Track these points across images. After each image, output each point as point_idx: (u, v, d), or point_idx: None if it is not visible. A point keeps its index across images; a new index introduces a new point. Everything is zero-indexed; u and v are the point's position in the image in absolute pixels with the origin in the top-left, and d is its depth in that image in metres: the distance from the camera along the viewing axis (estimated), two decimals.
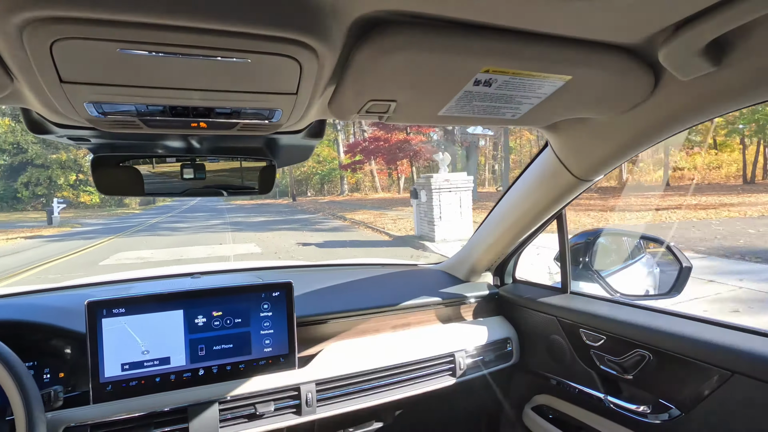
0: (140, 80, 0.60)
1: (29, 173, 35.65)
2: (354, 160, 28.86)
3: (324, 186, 42.52)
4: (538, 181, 1.33)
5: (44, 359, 1.17)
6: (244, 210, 26.20)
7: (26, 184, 35.96)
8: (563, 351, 1.49)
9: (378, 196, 32.89)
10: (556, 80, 0.74)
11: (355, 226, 14.73)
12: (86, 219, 24.86)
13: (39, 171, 35.75)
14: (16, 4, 0.43)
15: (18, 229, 18.20)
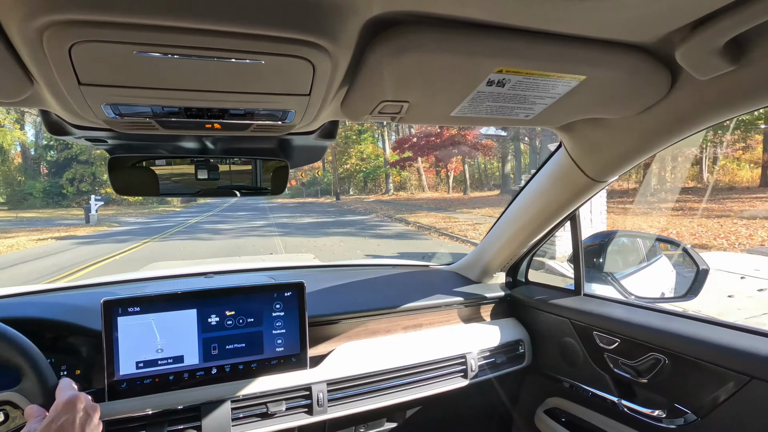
0: (156, 82, 0.61)
1: (74, 169, 34.94)
2: (402, 157, 27.65)
3: (367, 184, 40.31)
4: (551, 182, 1.32)
5: (61, 356, 1.19)
6: (287, 209, 24.71)
7: (71, 180, 35.02)
8: (576, 354, 1.47)
9: (425, 195, 30.70)
10: (571, 80, 0.73)
11: (424, 232, 12.51)
12: (125, 217, 23.91)
13: (83, 167, 34.90)
14: (36, 8, 0.44)
15: (54, 228, 17.41)
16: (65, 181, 34.78)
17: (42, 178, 35.93)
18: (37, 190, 34.19)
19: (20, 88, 0.62)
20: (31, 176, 35.40)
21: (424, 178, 34.87)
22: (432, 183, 36.10)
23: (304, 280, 1.30)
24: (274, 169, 1.13)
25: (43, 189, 34.57)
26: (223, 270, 1.69)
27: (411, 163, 29.77)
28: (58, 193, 35.00)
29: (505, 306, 1.75)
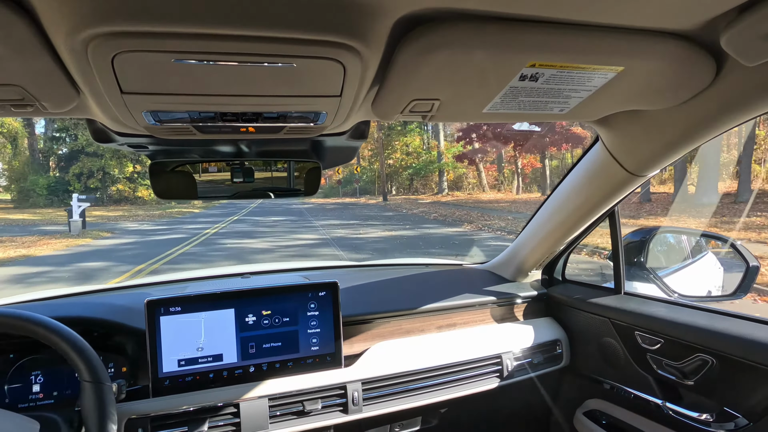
0: (192, 88, 0.63)
1: (81, 163, 29.63)
2: (473, 149, 23.80)
3: (413, 182, 35.91)
4: (588, 177, 1.28)
5: (109, 354, 1.24)
6: (329, 213, 20.60)
7: (78, 175, 29.67)
8: (617, 354, 1.43)
9: (488, 195, 26.46)
10: (607, 72, 0.71)
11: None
12: (128, 222, 18.35)
13: (91, 161, 29.61)
14: (82, 21, 0.46)
15: (23, 238, 12.61)
16: (72, 177, 29.62)
17: (52, 173, 31.33)
18: (40, 187, 28.99)
19: (68, 98, 0.65)
20: (36, 171, 30.43)
21: (483, 176, 30.40)
22: (491, 181, 31.72)
23: (337, 279, 1.32)
24: (307, 170, 1.14)
25: (47, 185, 29.38)
26: (259, 270, 1.73)
27: (483, 156, 25.93)
28: (64, 190, 29.02)
29: (541, 305, 1.72)
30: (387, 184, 34.03)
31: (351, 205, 26.14)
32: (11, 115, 0.69)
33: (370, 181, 38.74)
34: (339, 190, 38.47)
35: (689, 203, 13.21)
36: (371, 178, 38.55)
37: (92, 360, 0.95)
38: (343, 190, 38.48)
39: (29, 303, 1.41)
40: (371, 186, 38.51)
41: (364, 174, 38.40)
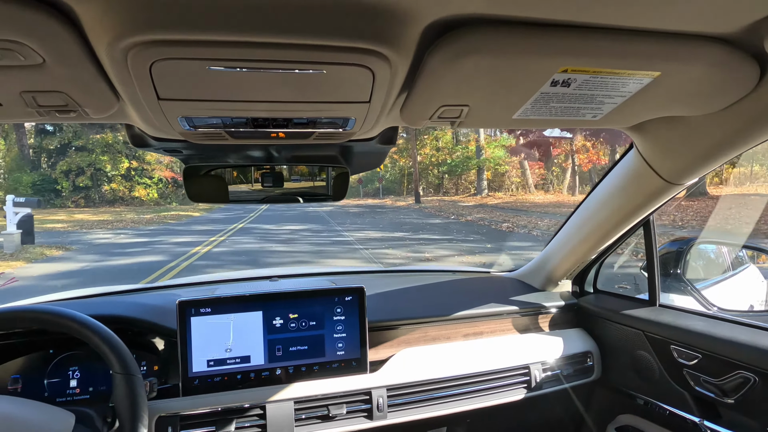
0: (225, 94, 0.65)
1: (69, 159, 25.87)
2: (527, 142, 20.87)
3: (442, 182, 31.73)
4: (622, 185, 1.24)
5: (142, 352, 1.28)
6: (359, 219, 16.67)
7: (66, 173, 25.87)
8: (651, 368, 1.38)
9: (538, 197, 22.33)
10: (643, 77, 0.69)
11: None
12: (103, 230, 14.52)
13: (81, 156, 25.87)
14: (123, 31, 0.48)
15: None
16: (59, 174, 25.86)
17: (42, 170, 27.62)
18: (24, 185, 25.02)
19: (108, 104, 0.68)
20: (21, 168, 26.92)
21: (529, 175, 26.00)
22: (537, 181, 27.19)
23: (364, 284, 1.32)
24: (336, 175, 1.16)
25: (32, 184, 25.56)
26: (286, 274, 1.75)
27: (545, 150, 21.82)
28: (51, 190, 26.00)
29: (572, 316, 1.68)
30: (412, 184, 30.43)
31: (379, 208, 22.18)
32: (56, 120, 0.72)
33: (394, 181, 35.63)
34: (359, 190, 34.88)
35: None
36: (395, 177, 35.41)
37: (123, 353, 0.99)
38: (363, 190, 35.33)
39: (69, 301, 1.46)
40: (396, 186, 35.35)
41: (387, 172, 35.00)
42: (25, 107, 0.64)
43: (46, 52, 0.50)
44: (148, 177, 29.28)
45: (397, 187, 35.20)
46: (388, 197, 31.94)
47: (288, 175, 1.15)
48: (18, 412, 0.90)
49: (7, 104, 0.63)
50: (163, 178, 30.10)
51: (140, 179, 28.82)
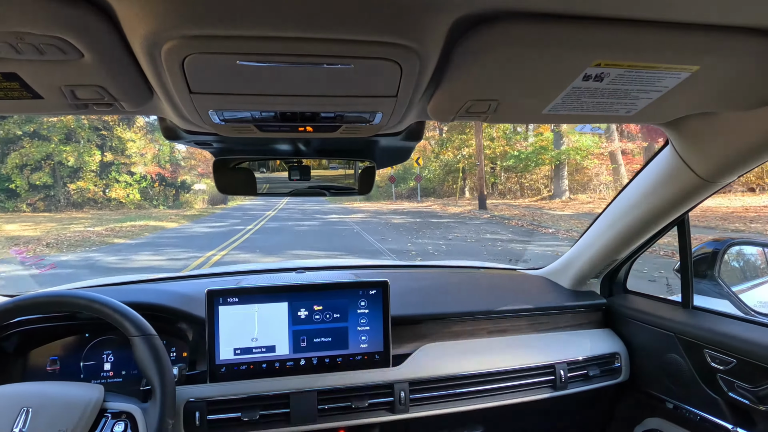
0: (255, 88, 0.65)
1: (23, 150, 20.14)
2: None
3: (499, 180, 25.24)
4: (656, 183, 1.21)
5: (172, 338, 1.32)
6: (412, 234, 11.10)
7: (21, 167, 20.36)
8: (682, 372, 1.34)
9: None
10: (680, 72, 0.66)
11: None
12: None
13: (36, 146, 20.11)
14: (158, 26, 0.50)
15: None
16: (12, 169, 20.16)
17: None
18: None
19: (143, 98, 0.70)
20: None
21: (624, 172, 18.71)
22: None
23: (388, 279, 1.32)
24: (362, 169, 1.16)
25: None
26: (311, 266, 1.77)
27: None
28: (5, 189, 20.75)
29: (600, 315, 1.64)
30: (461, 181, 25.93)
31: (429, 217, 15.58)
32: (94, 113, 0.75)
33: (433, 179, 28.51)
34: (391, 191, 28.18)
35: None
36: (437, 174, 28.33)
37: (135, 318, 1.03)
38: (395, 191, 28.46)
39: (104, 287, 1.52)
40: (437, 186, 28.44)
41: (425, 169, 27.92)
42: (65, 100, 0.66)
43: (85, 48, 0.52)
44: (128, 173, 23.99)
45: (438, 187, 28.53)
46: (428, 199, 25.89)
47: (314, 168, 1.16)
48: (52, 389, 0.97)
49: (48, 97, 0.65)
50: (147, 175, 25.25)
51: (118, 176, 22.70)
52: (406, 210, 19.84)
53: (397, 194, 28.67)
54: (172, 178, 28.24)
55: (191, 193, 30.81)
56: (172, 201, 26.45)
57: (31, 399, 0.91)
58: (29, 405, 0.90)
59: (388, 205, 23.80)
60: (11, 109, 0.72)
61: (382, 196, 29.13)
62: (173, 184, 28.24)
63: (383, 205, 23.48)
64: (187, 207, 25.84)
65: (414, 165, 25.24)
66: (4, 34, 0.48)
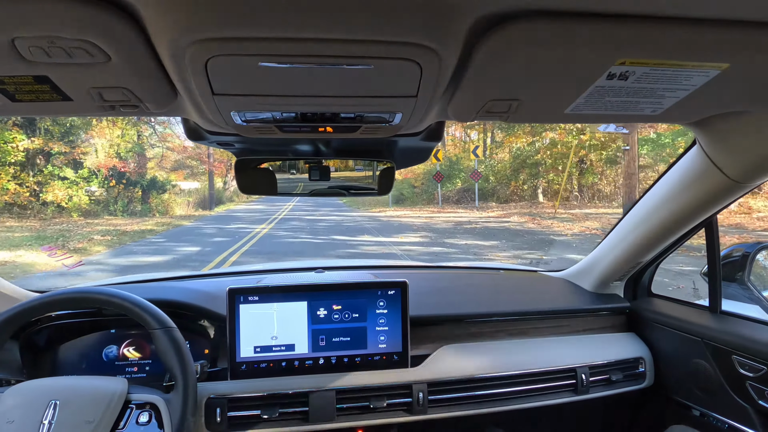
0: (276, 89, 0.66)
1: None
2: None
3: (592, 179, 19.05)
4: (683, 184, 1.17)
5: (193, 336, 1.35)
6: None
7: None
8: (709, 379, 1.30)
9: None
10: (709, 69, 0.64)
11: None
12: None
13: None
14: (183, 29, 0.51)
15: None
16: None
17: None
18: None
19: (167, 99, 0.72)
20: None
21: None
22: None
23: (407, 279, 1.32)
24: (381, 170, 1.16)
25: None
26: (331, 266, 1.78)
27: None
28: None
29: (623, 319, 1.61)
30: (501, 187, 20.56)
31: (535, 237, 10.74)
32: (120, 114, 0.77)
33: (497, 176, 21.79)
34: (435, 191, 21.83)
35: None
36: (498, 170, 22.10)
37: (154, 311, 1.06)
38: (441, 192, 21.60)
39: (129, 284, 1.56)
40: (498, 186, 21.56)
41: (483, 164, 21.51)
42: (93, 102, 0.68)
43: (112, 51, 0.53)
44: (73, 168, 17.01)
45: (500, 188, 21.33)
46: (489, 204, 19.49)
47: (334, 169, 1.17)
48: (78, 383, 1.00)
49: (77, 99, 0.67)
50: (100, 169, 17.97)
51: (61, 172, 16.47)
52: (471, 221, 13.82)
53: (444, 197, 21.85)
54: (136, 174, 20.21)
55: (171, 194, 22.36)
56: (140, 204, 19.31)
57: (59, 392, 0.94)
58: (57, 398, 0.93)
59: (437, 213, 17.24)
60: (42, 111, 0.74)
61: (421, 199, 22.90)
62: (137, 182, 19.83)
63: (431, 214, 17.06)
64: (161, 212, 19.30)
65: (472, 156, 20.51)
66: (37, 38, 0.50)
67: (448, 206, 20.35)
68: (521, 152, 20.92)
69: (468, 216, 16.00)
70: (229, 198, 29.72)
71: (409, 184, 24.89)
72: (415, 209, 19.89)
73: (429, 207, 20.65)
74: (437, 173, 20.47)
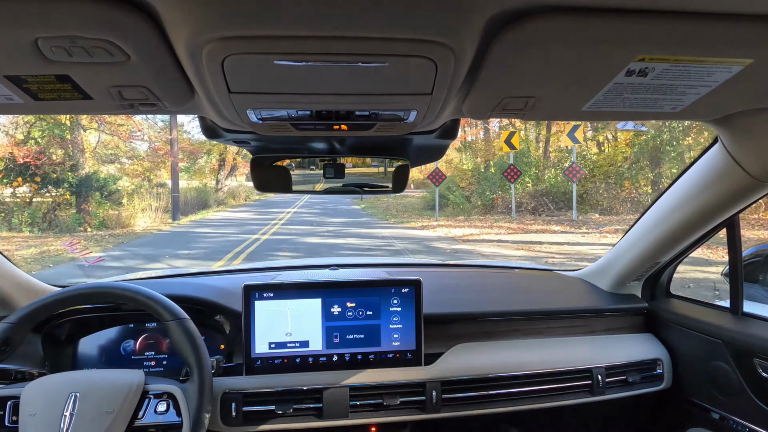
0: (291, 88, 0.67)
1: None
2: None
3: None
4: (704, 182, 1.15)
5: (209, 331, 1.37)
6: None
7: None
8: (730, 381, 1.27)
9: None
10: (732, 65, 0.63)
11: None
12: None
13: None
14: (200, 28, 0.51)
15: None
16: None
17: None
18: None
19: (185, 97, 0.73)
20: None
21: None
22: None
23: (421, 277, 1.32)
24: (396, 168, 1.16)
25: None
26: (345, 264, 1.79)
27: None
28: None
29: (640, 320, 1.58)
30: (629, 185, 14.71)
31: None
32: (139, 113, 0.78)
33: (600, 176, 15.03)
34: (495, 194, 15.65)
35: None
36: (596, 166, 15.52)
37: (167, 303, 1.07)
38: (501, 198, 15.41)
39: (147, 280, 1.59)
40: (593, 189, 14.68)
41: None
42: (113, 101, 0.69)
43: (131, 50, 0.54)
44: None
45: (603, 194, 14.67)
46: (590, 217, 13.36)
47: (349, 166, 1.17)
48: (97, 375, 1.03)
49: (97, 98, 0.69)
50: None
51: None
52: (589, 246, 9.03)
53: (504, 205, 15.19)
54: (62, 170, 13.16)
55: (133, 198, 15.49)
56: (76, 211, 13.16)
57: (78, 385, 0.97)
58: (76, 390, 0.95)
59: (515, 231, 11.61)
60: (64, 109, 0.76)
61: (473, 206, 16.20)
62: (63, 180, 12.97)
63: (504, 232, 11.46)
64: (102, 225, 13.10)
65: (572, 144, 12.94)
66: (59, 38, 0.51)
67: (525, 217, 13.86)
68: (653, 137, 13.78)
69: (572, 237, 10.35)
70: (221, 200, 22.92)
71: (454, 183, 17.66)
72: (475, 223, 13.36)
73: (489, 217, 14.38)
74: (510, 168, 13.25)
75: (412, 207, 18.10)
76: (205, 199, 20.87)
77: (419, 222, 14.06)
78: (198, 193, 21.04)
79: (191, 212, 18.05)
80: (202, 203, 20.15)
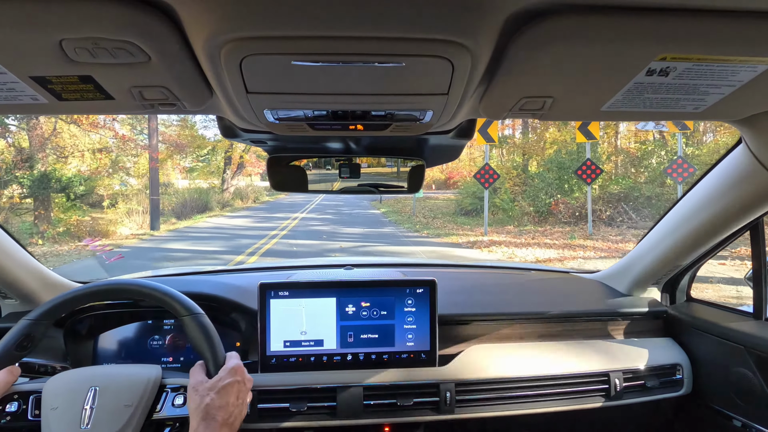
0: (308, 88, 0.67)
1: None
2: None
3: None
4: (727, 184, 1.12)
5: (224, 329, 1.38)
6: None
7: None
8: (752, 388, 1.24)
9: None
10: (757, 64, 0.61)
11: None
12: None
13: None
14: (219, 29, 0.52)
15: None
16: None
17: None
18: None
19: (203, 98, 0.74)
20: None
21: None
22: None
23: (437, 278, 1.32)
24: (411, 168, 1.16)
25: None
26: (360, 263, 1.79)
27: None
28: None
29: (660, 324, 1.55)
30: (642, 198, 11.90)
31: None
32: (159, 112, 0.79)
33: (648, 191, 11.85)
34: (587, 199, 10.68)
35: None
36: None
37: (182, 299, 1.08)
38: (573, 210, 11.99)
39: (165, 277, 1.61)
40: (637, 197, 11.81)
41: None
42: (134, 101, 0.71)
43: (151, 50, 0.55)
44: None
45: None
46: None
47: (364, 166, 1.17)
48: (116, 370, 1.05)
49: (118, 98, 0.70)
50: None
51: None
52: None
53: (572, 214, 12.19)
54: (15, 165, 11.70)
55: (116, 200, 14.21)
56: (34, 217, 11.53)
57: (97, 379, 0.99)
58: (96, 385, 0.98)
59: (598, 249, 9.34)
60: (86, 110, 0.77)
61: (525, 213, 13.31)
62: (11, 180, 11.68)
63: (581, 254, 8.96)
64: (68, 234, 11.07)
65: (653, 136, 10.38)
66: (83, 39, 0.52)
67: (600, 229, 10.79)
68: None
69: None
70: (225, 202, 21.34)
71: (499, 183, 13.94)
72: (539, 238, 10.65)
73: (552, 229, 11.16)
74: (587, 164, 10.29)
75: (441, 212, 15.82)
76: (206, 201, 19.03)
77: (460, 234, 10.95)
78: (199, 194, 19.38)
79: (189, 216, 16.45)
80: (202, 205, 18.34)
